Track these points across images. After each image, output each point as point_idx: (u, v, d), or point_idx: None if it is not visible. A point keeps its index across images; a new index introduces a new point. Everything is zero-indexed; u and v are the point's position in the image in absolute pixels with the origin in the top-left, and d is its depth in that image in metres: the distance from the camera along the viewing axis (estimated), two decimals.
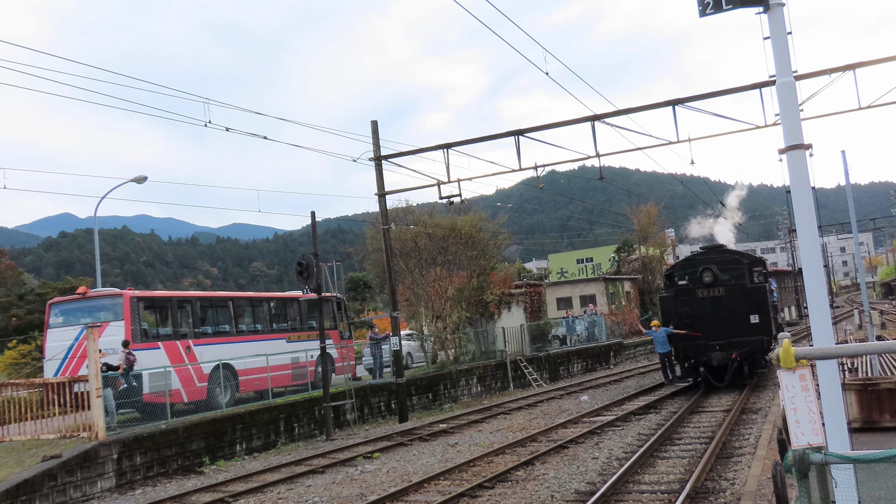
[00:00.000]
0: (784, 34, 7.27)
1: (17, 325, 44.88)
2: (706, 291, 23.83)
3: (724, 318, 23.35)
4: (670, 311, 24.76)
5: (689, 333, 23.63)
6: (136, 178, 29.93)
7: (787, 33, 7.40)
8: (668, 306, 25.05)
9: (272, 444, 20.16)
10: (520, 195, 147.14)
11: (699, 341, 23.42)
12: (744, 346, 23.00)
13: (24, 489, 14.12)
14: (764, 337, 23.16)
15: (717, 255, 24.95)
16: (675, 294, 24.80)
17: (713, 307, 23.70)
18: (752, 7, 7.33)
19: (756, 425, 16.99)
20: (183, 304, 21.97)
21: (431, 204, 36.52)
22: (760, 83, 18.50)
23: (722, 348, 22.97)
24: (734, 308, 23.40)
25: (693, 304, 24.01)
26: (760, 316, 23.19)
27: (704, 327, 23.47)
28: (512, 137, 21.42)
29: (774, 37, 7.29)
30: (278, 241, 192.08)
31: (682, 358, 24.44)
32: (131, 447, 16.45)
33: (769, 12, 7.29)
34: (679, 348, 24.23)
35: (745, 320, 23.19)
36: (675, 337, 24.17)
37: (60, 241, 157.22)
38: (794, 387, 4.29)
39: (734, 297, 23.51)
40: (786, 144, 7.27)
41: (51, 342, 20.22)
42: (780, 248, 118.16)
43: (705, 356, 23.18)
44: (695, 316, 23.88)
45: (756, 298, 23.38)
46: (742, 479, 11.91)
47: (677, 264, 26.75)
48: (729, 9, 7.25)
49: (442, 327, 32.60)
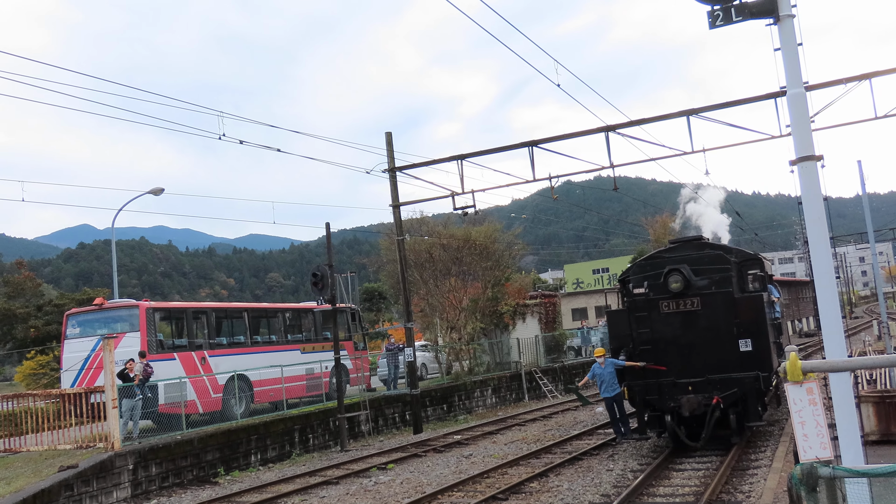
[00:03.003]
0: (794, 45, 7.28)
1: (35, 335, 45.26)
2: (673, 304, 15.67)
3: (700, 345, 15.46)
4: (622, 334, 16.52)
5: (649, 367, 15.78)
6: (154, 190, 30.17)
7: (798, 44, 7.41)
8: (618, 326, 16.76)
9: (287, 454, 20.20)
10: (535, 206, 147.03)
11: (663, 378, 15.59)
12: (730, 387, 15.05)
13: (41, 499, 14.23)
14: (760, 372, 15.03)
15: (691, 252, 16.75)
16: (630, 308, 16.51)
17: (684, 328, 15.66)
18: (762, 19, 7.35)
19: (773, 437, 16.86)
20: (199, 315, 22.11)
21: (446, 215, 36.64)
22: (774, 93, 18.44)
23: (697, 389, 15.17)
24: (716, 329, 15.39)
25: (655, 324, 15.89)
26: (755, 340, 15.13)
27: (671, 358, 15.62)
28: (526, 148, 21.45)
29: (785, 48, 7.30)
30: (294, 251, 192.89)
31: (638, 403, 16.30)
32: (147, 457, 16.54)
33: (779, 24, 7.30)
34: (634, 389, 16.07)
35: (732, 347, 15.21)
36: (630, 372, 16.16)
37: (79, 253, 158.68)
38: (801, 400, 4.28)
39: (715, 311, 15.44)
40: (797, 156, 7.27)
41: (68, 353, 20.39)
42: (798, 259, 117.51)
43: (672, 401, 15.29)
44: (657, 341, 15.84)
45: (748, 314, 15.31)
46: (758, 491, 11.82)
47: (634, 265, 17.77)
48: (739, 21, 7.27)
49: (457, 338, 32.62)
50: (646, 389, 15.89)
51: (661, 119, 20.38)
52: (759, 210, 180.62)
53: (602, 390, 17.31)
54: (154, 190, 30.18)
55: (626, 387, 16.31)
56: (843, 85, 18.14)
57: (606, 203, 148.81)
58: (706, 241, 18.56)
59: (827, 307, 7.17)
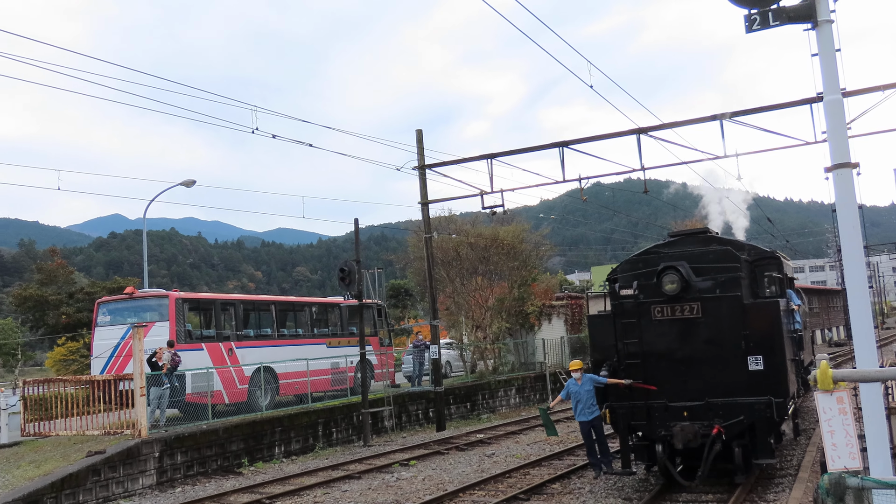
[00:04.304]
0: (832, 51, 7.20)
1: (66, 322, 46.01)
2: (668, 310, 12.75)
3: (699, 361, 12.55)
4: (605, 345, 13.52)
5: (637, 385, 12.83)
6: (185, 182, 30.50)
7: (836, 50, 7.32)
8: (601, 335, 13.75)
9: (310, 447, 20.34)
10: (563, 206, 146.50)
11: (654, 401, 12.70)
12: (734, 414, 12.09)
13: (69, 483, 14.47)
14: (773, 397, 11.97)
15: (694, 247, 13.83)
16: (615, 314, 13.44)
17: (681, 339, 12.73)
18: (799, 24, 7.28)
19: (799, 447, 16.68)
20: (226, 307, 22.33)
21: (474, 213, 36.64)
22: (810, 99, 18.23)
23: (694, 416, 12.33)
24: (719, 342, 12.47)
25: (645, 333, 12.95)
26: (768, 357, 12.14)
27: (664, 376, 12.72)
28: (556, 149, 21.39)
29: (822, 54, 7.22)
30: (322, 246, 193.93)
31: (622, 429, 13.23)
32: (173, 446, 16.74)
33: (817, 29, 7.22)
34: (618, 412, 13.09)
35: (739, 365, 12.25)
36: (612, 392, 13.19)
37: (110, 242, 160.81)
38: (831, 409, 4.24)
39: (719, 320, 12.49)
40: (832, 162, 7.19)
41: (98, 340, 20.70)
42: (830, 267, 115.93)
43: (663, 428, 12.44)
44: (647, 354, 12.90)
45: (761, 324, 12.32)
46: (783, 501, 11.70)
47: (625, 261, 14.27)
48: (776, 25, 7.21)
49: (482, 337, 32.63)
50: (631, 413, 12.88)
51: (694, 122, 20.21)
52: (790, 217, 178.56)
53: (577, 412, 13.85)
54: (186, 182, 30.51)
55: (607, 408, 13.17)
56: (880, 92, 17.88)
57: (636, 206, 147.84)
58: (713, 235, 15.05)
59: (859, 316, 7.09)
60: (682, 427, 12.14)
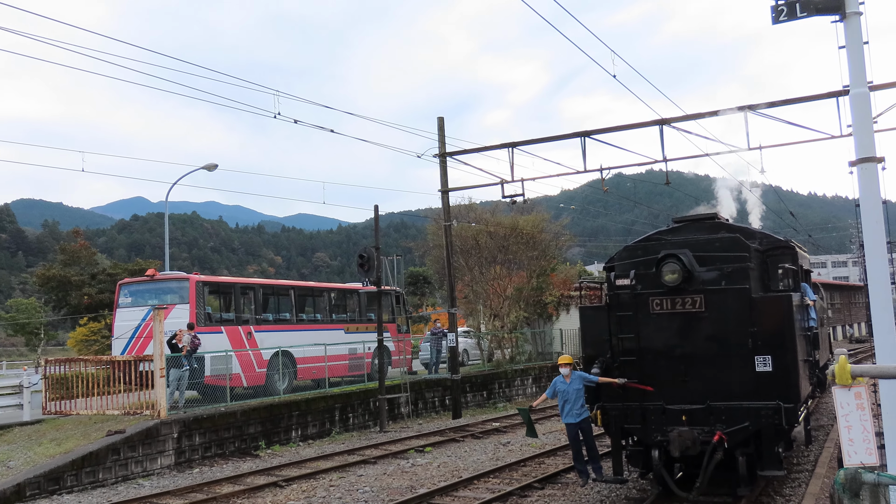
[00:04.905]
0: (860, 44, 7.11)
1: (88, 303, 46.52)
2: (668, 302, 11.53)
3: (701, 360, 11.30)
4: (598, 340, 12.30)
5: (631, 385, 11.60)
6: (208, 166, 30.67)
7: (864, 43, 7.23)
8: (594, 329, 12.51)
9: (326, 432, 20.48)
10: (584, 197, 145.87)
11: (650, 403, 11.49)
12: (739, 419, 10.85)
13: (89, 461, 14.68)
14: (782, 402, 10.65)
15: (699, 234, 12.49)
16: (611, 306, 12.20)
17: (681, 335, 11.47)
18: (827, 15, 7.19)
19: (817, 443, 16.59)
20: (246, 291, 22.48)
21: (494, 202, 36.57)
22: (836, 92, 18.02)
23: (693, 420, 11.10)
24: (724, 339, 11.19)
25: (642, 328, 11.73)
26: (778, 357, 10.83)
27: (662, 375, 11.52)
28: (577, 139, 21.30)
29: (850, 46, 7.14)
30: (341, 232, 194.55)
31: (615, 433, 12.05)
32: (191, 427, 16.91)
33: (845, 21, 7.14)
34: (610, 413, 11.91)
35: (746, 365, 10.98)
36: (605, 391, 11.95)
37: (133, 224, 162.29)
38: (849, 404, 4.22)
39: (724, 315, 11.20)
40: (857, 157, 7.12)
41: (119, 321, 20.91)
42: (853, 263, 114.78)
43: (660, 433, 11.26)
44: (644, 351, 11.69)
45: (770, 321, 11.02)
46: (799, 496, 11.65)
47: (624, 248, 12.97)
48: (804, 16, 7.12)
49: (499, 326, 32.65)
50: (625, 415, 11.70)
51: (718, 114, 20.05)
52: (814, 211, 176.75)
53: (564, 413, 12.44)
54: (208, 166, 30.67)
55: (598, 409, 11.97)
56: None
57: (657, 197, 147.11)
58: (722, 221, 13.46)
59: (880, 313, 7.03)
60: (681, 433, 10.91)
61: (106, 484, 14.86)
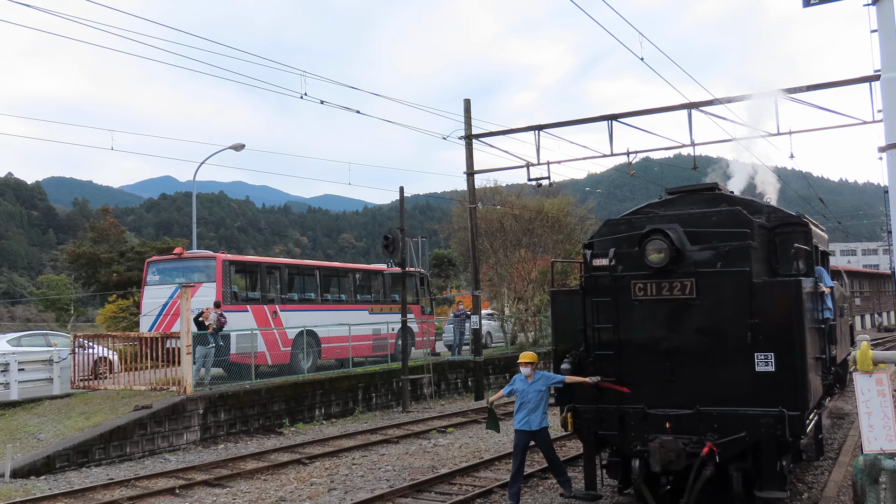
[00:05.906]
0: (892, 27, 6.99)
1: (117, 280, 47.11)
2: (653, 287, 9.56)
3: (690, 356, 9.36)
4: (571, 330, 10.34)
5: (604, 385, 9.75)
6: (235, 146, 30.84)
7: None
8: (566, 317, 10.49)
9: (350, 411, 20.65)
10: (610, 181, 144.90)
11: (629, 406, 9.63)
12: (733, 428, 8.94)
13: (117, 435, 14.94)
14: (786, 410, 8.62)
15: (695, 207, 10.42)
16: (586, 290, 10.19)
17: (668, 327, 9.53)
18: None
19: (842, 430, 16.46)
20: (272, 270, 22.66)
21: (519, 185, 36.45)
22: (869, 77, 17.70)
23: (679, 428, 9.24)
24: (718, 332, 9.22)
25: (622, 317, 9.80)
26: (781, 355, 8.81)
27: (644, 374, 9.62)
28: (604, 122, 21.14)
29: (882, 29, 7.03)
30: (367, 213, 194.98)
31: (588, 440, 10.24)
32: (216, 404, 17.13)
33: (878, 4, 7.02)
34: (583, 416, 10.07)
35: (743, 363, 9.00)
36: (578, 391, 10.02)
37: (161, 203, 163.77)
38: (870, 391, 4.20)
39: (720, 303, 9.24)
40: (886, 142, 7.03)
41: (147, 299, 21.19)
42: (883, 251, 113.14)
43: (639, 442, 9.39)
44: (624, 345, 9.77)
45: (774, 311, 8.98)
46: (821, 483, 11.59)
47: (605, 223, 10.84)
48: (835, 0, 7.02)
49: (523, 309, 32.64)
50: (600, 419, 9.84)
51: (748, 98, 19.79)
52: (844, 198, 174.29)
53: (518, 418, 10.63)
54: (235, 145, 30.84)
55: (569, 411, 10.12)
56: None
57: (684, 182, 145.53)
58: (723, 193, 11.30)
59: None
60: (663, 443, 9.00)
61: (133, 458, 15.13)
